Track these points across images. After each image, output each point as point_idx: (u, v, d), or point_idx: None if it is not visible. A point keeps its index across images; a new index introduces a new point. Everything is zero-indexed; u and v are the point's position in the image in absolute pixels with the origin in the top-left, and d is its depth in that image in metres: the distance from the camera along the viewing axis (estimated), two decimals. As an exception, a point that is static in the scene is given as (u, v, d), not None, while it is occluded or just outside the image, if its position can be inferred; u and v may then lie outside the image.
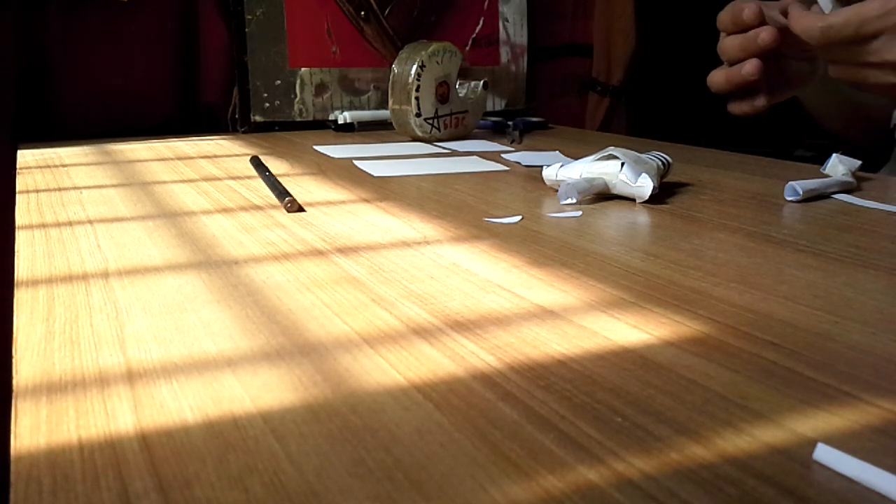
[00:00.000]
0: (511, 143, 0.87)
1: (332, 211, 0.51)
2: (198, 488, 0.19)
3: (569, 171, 0.56)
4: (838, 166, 0.61)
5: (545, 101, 1.19)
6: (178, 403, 0.24)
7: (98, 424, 0.23)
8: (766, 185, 0.62)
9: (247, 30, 0.95)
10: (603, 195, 0.55)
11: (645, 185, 0.53)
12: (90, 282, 0.36)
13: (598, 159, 0.56)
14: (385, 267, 0.38)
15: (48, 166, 0.70)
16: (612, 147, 0.56)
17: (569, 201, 0.54)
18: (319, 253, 0.41)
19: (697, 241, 0.44)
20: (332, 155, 0.77)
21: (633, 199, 0.54)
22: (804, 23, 0.65)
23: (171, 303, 0.33)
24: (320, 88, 0.99)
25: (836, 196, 0.56)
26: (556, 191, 0.56)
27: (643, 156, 0.57)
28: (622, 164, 0.54)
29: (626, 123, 1.25)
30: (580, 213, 0.51)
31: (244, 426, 0.23)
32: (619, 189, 0.55)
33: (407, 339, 0.29)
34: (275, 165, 0.68)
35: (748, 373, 0.26)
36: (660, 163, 0.58)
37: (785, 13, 0.68)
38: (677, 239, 0.44)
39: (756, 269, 0.38)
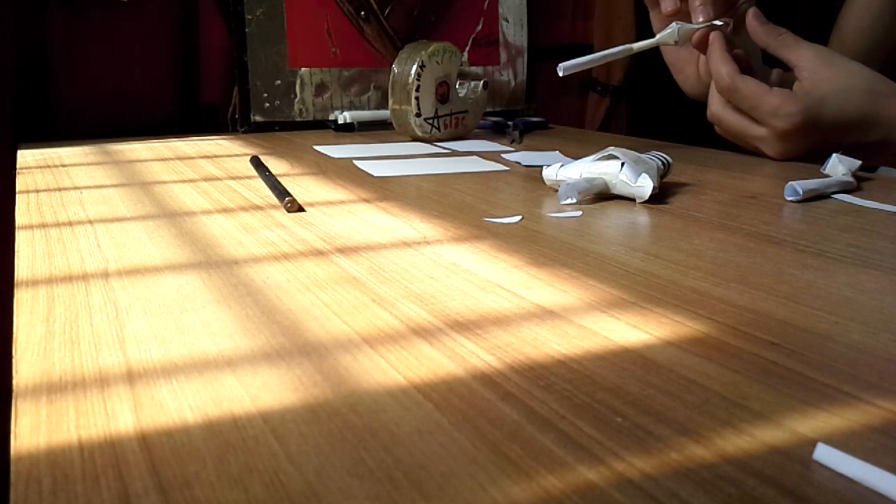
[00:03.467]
0: (511, 143, 0.87)
1: (332, 211, 0.51)
2: (198, 488, 0.19)
3: (569, 171, 0.56)
4: (838, 166, 0.61)
5: (545, 101, 1.19)
6: (178, 403, 0.24)
7: (98, 424, 0.23)
8: (766, 185, 0.62)
9: (247, 30, 0.95)
10: (603, 195, 0.55)
11: (645, 185, 0.53)
12: (90, 282, 0.36)
13: (598, 159, 0.56)
14: (385, 267, 0.38)
15: (48, 166, 0.70)
16: (612, 147, 0.56)
17: (569, 201, 0.54)
18: (319, 253, 0.41)
19: (697, 241, 0.44)
20: (332, 155, 0.77)
21: (633, 199, 0.54)
22: (720, 67, 0.73)
23: (171, 303, 0.33)
24: (320, 88, 0.99)
25: (836, 196, 0.56)
26: (556, 191, 0.56)
27: (643, 156, 0.57)
28: (622, 164, 0.54)
29: (626, 123, 1.25)
30: (580, 213, 0.51)
31: (244, 426, 0.23)
32: (619, 189, 0.55)
33: (407, 339, 0.29)
34: (275, 165, 0.68)
35: (748, 373, 0.26)
36: (660, 163, 0.58)
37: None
38: (677, 239, 0.44)
39: (756, 269, 0.38)
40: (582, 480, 0.20)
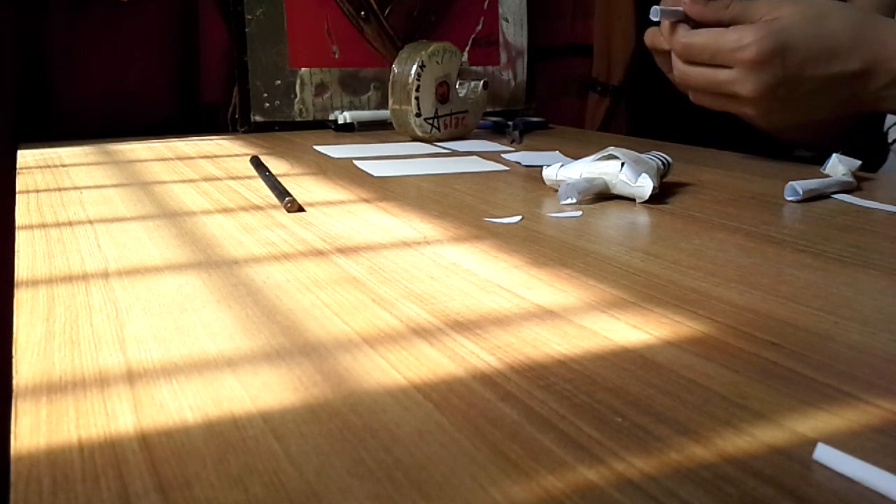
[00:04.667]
0: (511, 143, 0.87)
1: (332, 211, 0.51)
2: (198, 488, 0.19)
3: (569, 171, 0.56)
4: (838, 166, 0.61)
5: (545, 101, 1.19)
6: (178, 403, 0.24)
7: (98, 424, 0.23)
8: (766, 185, 0.62)
9: (247, 30, 0.95)
10: (603, 195, 0.55)
11: (645, 185, 0.53)
12: (90, 282, 0.36)
13: (598, 159, 0.56)
14: (385, 267, 0.38)
15: (48, 166, 0.70)
16: (612, 147, 0.56)
17: (569, 201, 0.54)
18: (319, 253, 0.41)
19: (697, 241, 0.44)
20: (332, 155, 0.77)
21: (633, 199, 0.54)
22: (670, 36, 0.68)
23: (171, 303, 0.33)
24: (320, 88, 0.99)
25: (836, 196, 0.56)
26: (556, 191, 0.56)
27: (643, 156, 0.57)
28: (622, 164, 0.54)
29: (626, 123, 1.25)
30: (580, 213, 0.51)
31: (244, 426, 0.23)
32: (619, 189, 0.55)
33: (407, 339, 0.29)
34: (275, 165, 0.68)
35: (748, 373, 0.26)
36: (660, 163, 0.58)
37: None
38: (677, 239, 0.44)
39: (756, 269, 0.38)
40: (582, 480, 0.20)
